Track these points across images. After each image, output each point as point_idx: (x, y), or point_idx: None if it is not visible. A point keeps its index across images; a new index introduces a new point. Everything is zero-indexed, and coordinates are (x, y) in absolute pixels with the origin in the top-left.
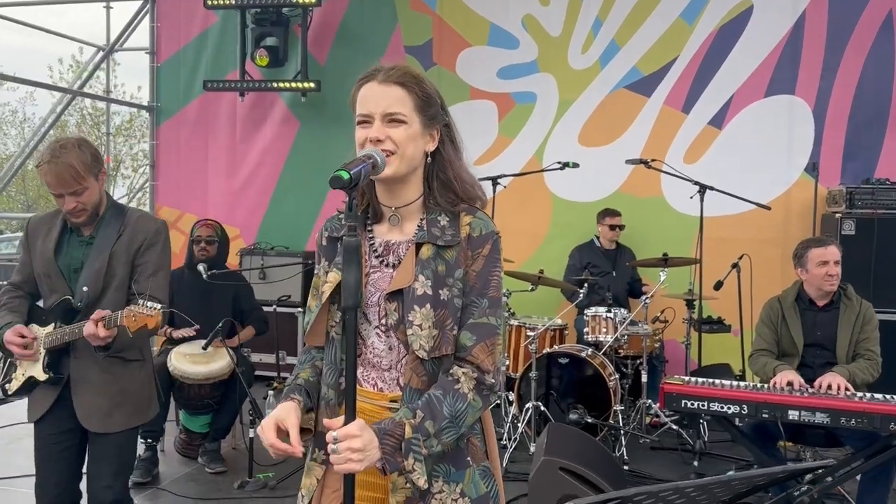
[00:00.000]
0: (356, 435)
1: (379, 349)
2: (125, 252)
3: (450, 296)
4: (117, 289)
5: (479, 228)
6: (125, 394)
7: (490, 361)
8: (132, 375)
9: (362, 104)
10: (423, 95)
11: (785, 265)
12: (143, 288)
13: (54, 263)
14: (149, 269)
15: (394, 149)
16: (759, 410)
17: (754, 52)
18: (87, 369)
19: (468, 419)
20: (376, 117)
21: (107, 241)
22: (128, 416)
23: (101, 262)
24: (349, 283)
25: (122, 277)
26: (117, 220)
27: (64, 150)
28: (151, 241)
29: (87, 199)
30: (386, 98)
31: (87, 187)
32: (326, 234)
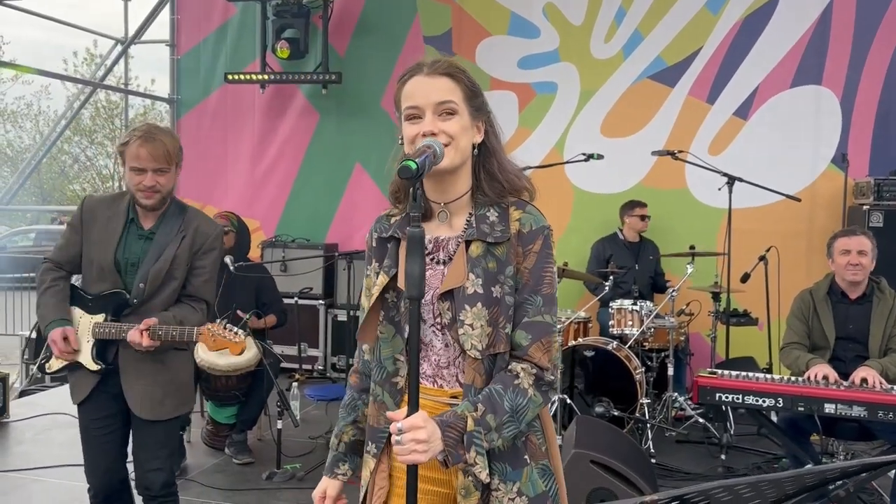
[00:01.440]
0: (421, 426)
1: (437, 347)
2: (187, 255)
3: (502, 293)
4: (173, 291)
5: (529, 224)
6: (175, 382)
7: (547, 359)
8: (181, 364)
9: (410, 97)
10: (470, 86)
11: (810, 257)
12: (197, 291)
13: (112, 255)
14: (205, 275)
15: (448, 140)
16: (794, 403)
17: (780, 42)
18: (137, 360)
19: (528, 415)
20: (427, 110)
21: (167, 238)
22: (177, 404)
23: (164, 262)
24: (413, 274)
25: (179, 281)
26: (177, 219)
27: (159, 130)
28: (210, 245)
29: (165, 182)
30: (436, 89)
31: (170, 171)
32: (376, 236)
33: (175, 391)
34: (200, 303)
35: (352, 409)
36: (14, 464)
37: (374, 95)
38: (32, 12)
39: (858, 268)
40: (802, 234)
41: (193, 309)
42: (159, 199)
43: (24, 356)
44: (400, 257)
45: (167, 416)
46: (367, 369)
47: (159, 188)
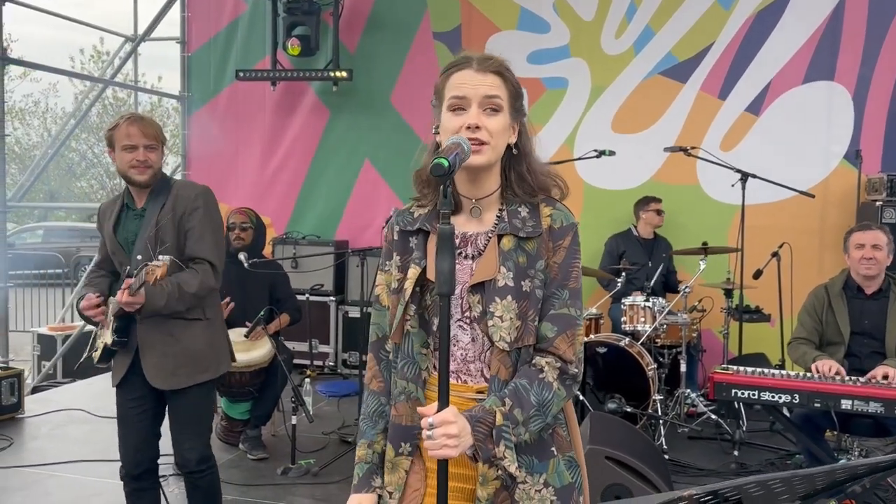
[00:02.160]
0: (452, 421)
1: (463, 341)
2: (171, 220)
3: (531, 287)
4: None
5: (559, 220)
6: (187, 353)
7: (571, 352)
8: (193, 334)
9: (457, 87)
10: (516, 86)
11: (822, 254)
12: (195, 251)
13: (115, 239)
14: (196, 233)
15: (488, 139)
16: (811, 399)
17: (792, 38)
18: (150, 332)
19: (554, 408)
20: (474, 102)
21: (154, 210)
22: (192, 374)
23: (150, 230)
24: (444, 270)
25: (171, 245)
26: (164, 192)
27: (144, 116)
28: (193, 205)
29: (154, 158)
30: (484, 83)
31: (158, 149)
32: (398, 229)
33: (188, 361)
34: (201, 263)
35: (379, 416)
36: (30, 459)
37: (383, 92)
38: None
39: (872, 262)
40: (815, 230)
41: (194, 272)
42: (151, 175)
43: (36, 352)
44: (429, 250)
45: (181, 385)
46: (391, 370)
47: (151, 163)
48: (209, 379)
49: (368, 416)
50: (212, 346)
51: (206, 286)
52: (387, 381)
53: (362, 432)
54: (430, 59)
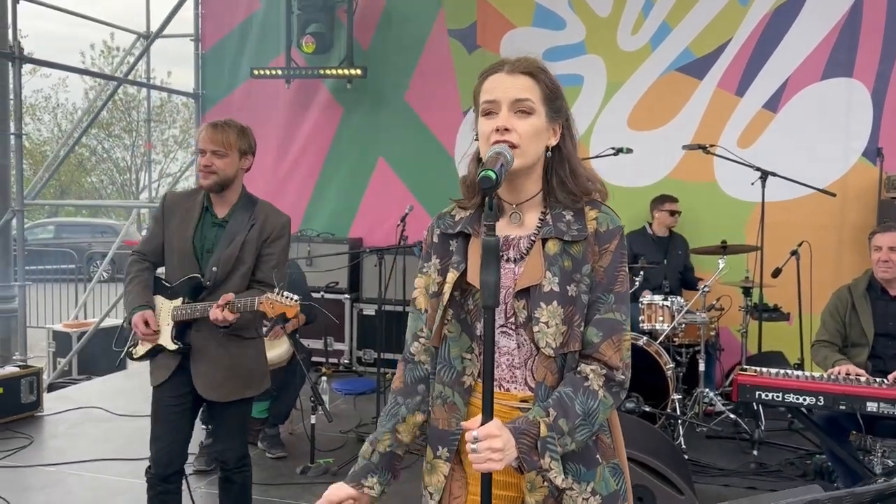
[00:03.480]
0: (496, 435)
1: (508, 347)
2: (255, 241)
3: (577, 292)
4: (243, 275)
5: (605, 223)
6: (236, 368)
7: (618, 357)
8: (245, 351)
9: (488, 92)
10: (551, 86)
11: (840, 251)
12: (267, 277)
13: (191, 242)
14: (273, 261)
15: (517, 141)
16: (836, 402)
17: (810, 34)
18: (206, 342)
19: (600, 417)
20: (504, 105)
21: (238, 226)
22: (237, 388)
23: (234, 247)
24: (489, 283)
25: (249, 265)
26: (248, 209)
27: (230, 122)
28: (279, 233)
29: (222, 165)
30: (515, 86)
31: (229, 156)
32: (439, 231)
33: (236, 376)
34: (269, 287)
35: (392, 416)
36: (50, 458)
37: (398, 89)
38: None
39: (889, 265)
40: (833, 227)
41: (262, 292)
42: (215, 181)
43: (52, 349)
44: (470, 254)
45: (225, 399)
46: (419, 373)
47: (215, 169)
48: (253, 394)
49: (385, 414)
50: (259, 363)
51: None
52: (406, 382)
53: (377, 428)
54: (445, 57)
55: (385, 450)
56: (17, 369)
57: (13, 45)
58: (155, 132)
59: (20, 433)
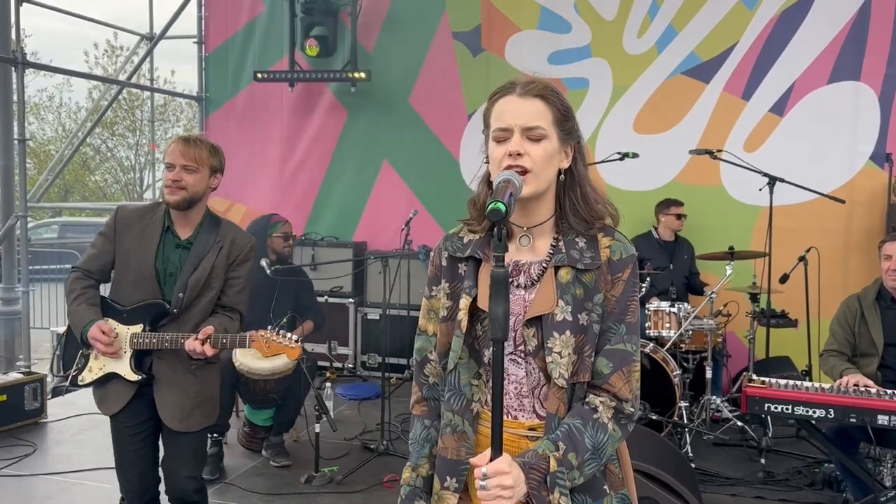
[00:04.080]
0: (507, 471)
1: (516, 375)
2: (223, 266)
3: (589, 321)
4: (210, 301)
5: (619, 252)
6: (204, 395)
7: (627, 389)
8: (211, 377)
9: (500, 118)
10: (562, 109)
11: (848, 257)
12: (234, 302)
13: (152, 265)
14: (239, 285)
15: (531, 166)
16: (846, 415)
17: (817, 38)
18: (171, 370)
19: (609, 450)
20: (516, 131)
21: (204, 249)
22: (205, 417)
23: (202, 272)
24: (498, 315)
25: (216, 291)
26: (213, 230)
27: (200, 138)
28: (245, 257)
29: (192, 182)
30: (526, 112)
31: (200, 172)
32: (447, 254)
33: (204, 402)
34: (235, 313)
35: (425, 440)
36: (54, 466)
37: (402, 92)
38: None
39: None
40: (840, 232)
41: (230, 319)
42: (183, 198)
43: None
44: (480, 279)
45: (196, 428)
46: (435, 394)
47: (184, 185)
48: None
49: (416, 441)
50: (219, 389)
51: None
52: (430, 405)
53: (410, 456)
54: (450, 60)
55: (427, 474)
56: (20, 376)
57: (15, 50)
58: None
59: (24, 441)
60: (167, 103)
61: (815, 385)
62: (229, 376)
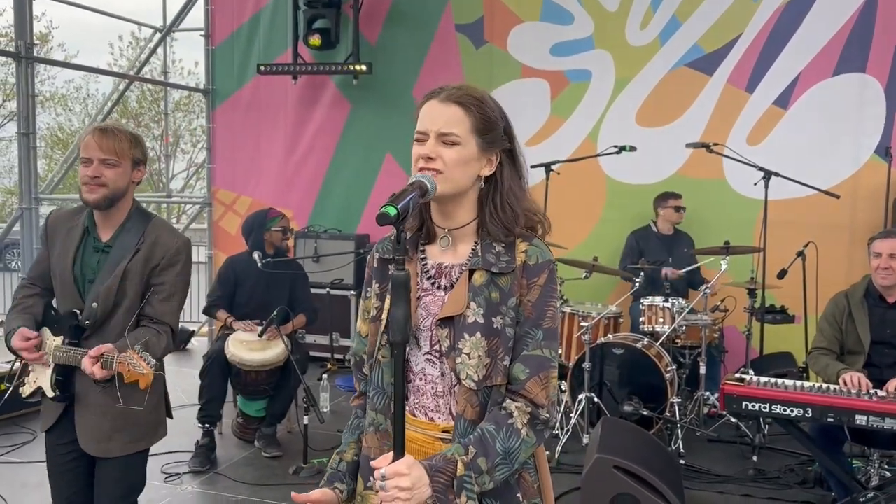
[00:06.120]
0: (404, 473)
1: (432, 375)
2: (140, 270)
3: (502, 324)
4: (127, 310)
5: (535, 256)
6: (127, 417)
7: (544, 395)
8: (137, 397)
9: (421, 121)
10: (482, 118)
11: (851, 251)
12: (157, 313)
13: (70, 270)
14: (164, 292)
15: (442, 168)
16: (824, 414)
17: (822, 29)
18: (88, 388)
19: (521, 455)
20: (431, 135)
21: (123, 252)
22: (128, 442)
23: (115, 278)
24: (398, 318)
25: (132, 299)
26: (138, 231)
27: (119, 127)
28: (171, 260)
29: (112, 176)
30: (442, 117)
31: (120, 166)
32: (378, 256)
33: (127, 426)
34: (163, 325)
35: (355, 428)
36: None
37: (405, 85)
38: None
39: (889, 272)
40: (844, 226)
41: (157, 332)
42: (104, 196)
43: None
44: None
45: (116, 454)
46: None
47: (104, 181)
48: (146, 448)
49: (347, 430)
50: (154, 410)
51: (167, 352)
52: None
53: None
54: (453, 52)
55: (351, 459)
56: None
57: (19, 45)
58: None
59: (24, 428)
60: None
61: (795, 384)
62: (221, 367)
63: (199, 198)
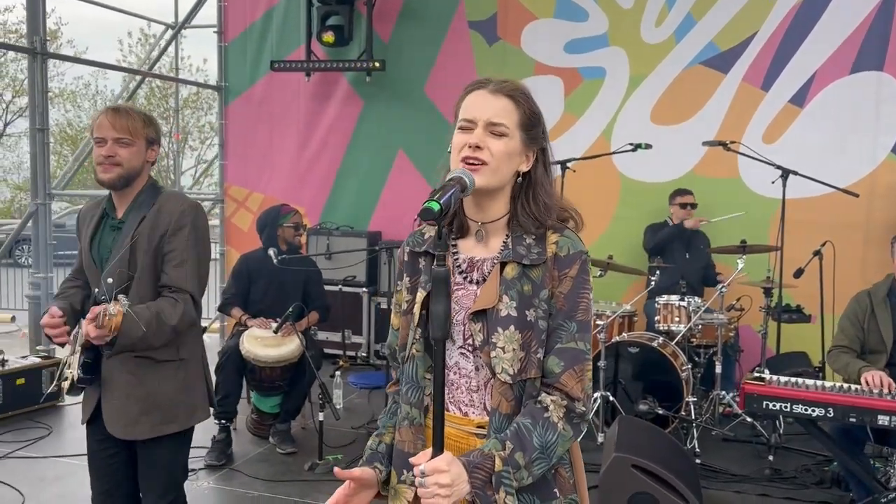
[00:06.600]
0: (444, 470)
1: (466, 369)
2: (147, 238)
3: (535, 317)
4: (141, 281)
5: (566, 247)
6: (153, 398)
7: (579, 388)
8: (162, 378)
9: (467, 110)
10: (529, 113)
11: (867, 251)
12: (173, 280)
13: (89, 253)
14: (175, 259)
15: (488, 159)
16: (846, 414)
17: (839, 27)
18: (113, 370)
19: (559, 450)
20: (479, 124)
21: (133, 225)
22: (157, 424)
23: (125, 250)
24: (438, 314)
25: (144, 268)
26: (148, 204)
27: (131, 108)
28: (177, 224)
29: (126, 155)
30: (493, 107)
31: (134, 145)
32: (408, 250)
33: (153, 408)
34: (181, 293)
35: (393, 413)
36: (67, 449)
37: (417, 82)
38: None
39: None
40: (860, 225)
41: (174, 301)
42: (118, 175)
43: None
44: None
45: (143, 436)
46: None
47: (119, 160)
48: (179, 431)
49: (384, 413)
50: (185, 391)
51: (188, 321)
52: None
53: (378, 426)
54: (465, 49)
55: (389, 441)
56: (39, 360)
57: (35, 41)
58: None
59: (41, 423)
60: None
61: (816, 383)
62: (236, 363)
63: (210, 194)
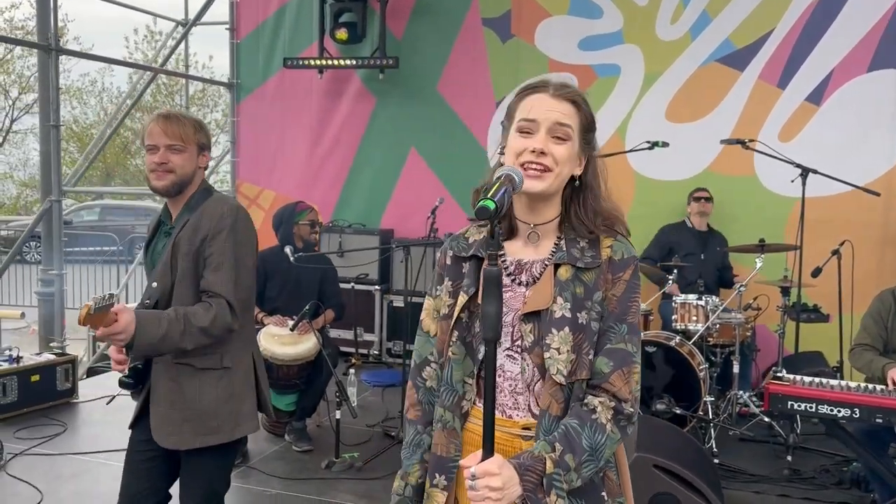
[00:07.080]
0: (495, 473)
1: (512, 372)
2: (188, 241)
3: (588, 319)
4: (182, 284)
5: (620, 252)
6: (194, 407)
7: (627, 390)
8: (203, 386)
9: (528, 110)
10: (589, 118)
11: (885, 250)
12: (210, 284)
13: (145, 258)
14: (213, 262)
15: (552, 166)
16: (872, 415)
17: (857, 25)
18: (159, 377)
19: (607, 452)
20: (543, 127)
21: (179, 230)
22: (198, 434)
23: (167, 254)
24: (490, 315)
25: (183, 271)
26: (196, 208)
27: (181, 113)
28: (217, 227)
29: (179, 162)
30: (557, 110)
31: (186, 151)
32: (451, 254)
33: (194, 417)
34: (216, 298)
35: (416, 446)
36: (82, 446)
37: (430, 79)
38: None
39: None
40: (877, 224)
41: (207, 305)
42: (172, 182)
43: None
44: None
45: (185, 446)
46: (431, 399)
47: (172, 167)
48: (222, 443)
49: (407, 446)
50: (228, 401)
51: (221, 325)
52: (424, 409)
53: (403, 462)
54: (479, 46)
55: (417, 482)
56: (53, 357)
57: (50, 37)
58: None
59: (55, 420)
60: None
61: (841, 383)
62: None
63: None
